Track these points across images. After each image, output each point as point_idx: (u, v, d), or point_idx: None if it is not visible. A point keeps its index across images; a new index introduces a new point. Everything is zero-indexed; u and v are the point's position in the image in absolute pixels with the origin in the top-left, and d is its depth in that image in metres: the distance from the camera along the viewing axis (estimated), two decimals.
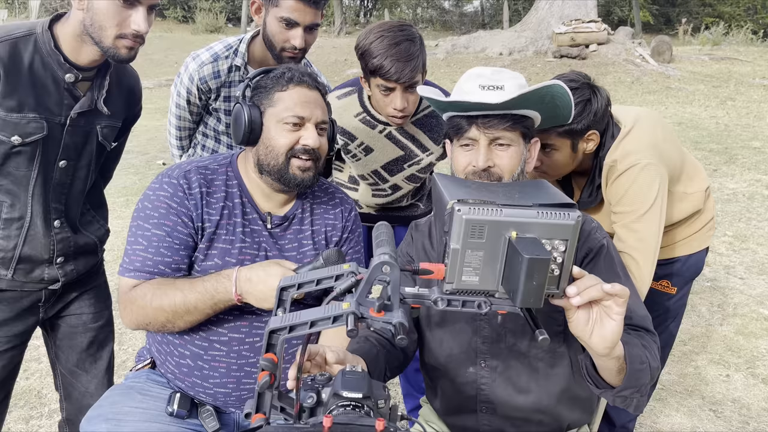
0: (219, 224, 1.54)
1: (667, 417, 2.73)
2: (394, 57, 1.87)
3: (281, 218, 1.62)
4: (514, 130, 1.39)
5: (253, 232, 1.57)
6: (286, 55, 2.05)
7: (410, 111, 2.01)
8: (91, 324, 1.91)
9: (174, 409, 1.52)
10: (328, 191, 1.74)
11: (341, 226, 1.69)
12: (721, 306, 3.75)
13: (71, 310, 1.88)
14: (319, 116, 1.55)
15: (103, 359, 1.96)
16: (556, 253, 0.97)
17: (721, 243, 4.69)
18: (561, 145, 1.81)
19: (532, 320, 1.02)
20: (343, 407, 0.95)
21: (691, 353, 3.23)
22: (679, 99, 10.34)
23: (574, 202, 1.03)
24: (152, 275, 1.51)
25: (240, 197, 1.59)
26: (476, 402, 1.49)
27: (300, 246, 1.62)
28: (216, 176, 1.59)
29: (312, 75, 1.60)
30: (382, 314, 0.94)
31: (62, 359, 1.93)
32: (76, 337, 1.90)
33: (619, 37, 12.93)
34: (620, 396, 1.21)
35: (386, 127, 2.13)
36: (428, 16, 25.23)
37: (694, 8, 22.34)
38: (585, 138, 1.83)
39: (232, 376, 1.55)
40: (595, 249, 1.41)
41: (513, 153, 1.39)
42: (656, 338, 1.34)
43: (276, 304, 1.04)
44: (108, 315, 1.98)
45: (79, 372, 1.93)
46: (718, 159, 6.96)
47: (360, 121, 2.15)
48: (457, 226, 0.95)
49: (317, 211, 1.68)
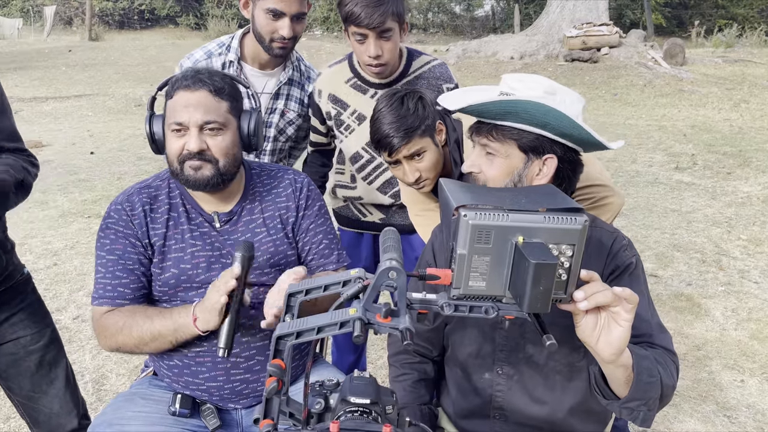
0: (167, 236, 1.60)
1: (680, 423, 2.70)
2: (364, 3, 1.95)
3: (227, 214, 1.65)
4: (501, 141, 1.34)
5: (202, 235, 1.62)
6: (276, 46, 2.12)
7: (387, 60, 2.05)
8: (32, 346, 1.80)
9: (176, 408, 1.57)
10: (277, 175, 1.75)
11: (295, 206, 1.70)
12: (735, 310, 3.71)
13: (5, 336, 1.77)
14: (199, 119, 1.52)
15: (59, 378, 1.87)
16: (564, 257, 0.96)
17: (735, 247, 4.64)
18: (426, 145, 1.80)
19: (540, 325, 1.02)
20: (351, 413, 0.96)
21: (705, 358, 3.20)
22: (692, 102, 10.27)
23: (582, 207, 1.02)
24: (114, 299, 1.58)
25: (183, 205, 1.64)
26: (489, 408, 1.49)
27: (254, 236, 1.65)
28: (159, 192, 1.65)
29: (202, 72, 1.58)
30: (389, 320, 0.94)
31: (15, 389, 1.83)
32: (21, 363, 1.80)
33: (631, 39, 12.88)
34: (626, 407, 1.19)
35: (378, 91, 2.17)
36: (439, 20, 25.23)
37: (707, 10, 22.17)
38: (438, 130, 1.85)
39: (219, 369, 1.59)
40: (622, 267, 1.37)
41: (499, 164, 1.35)
42: (675, 358, 1.31)
43: (284, 310, 1.05)
44: (50, 333, 1.87)
45: (38, 396, 1.84)
46: (732, 162, 6.90)
47: (351, 86, 2.20)
48: (463, 231, 0.95)
49: (267, 197, 1.70)
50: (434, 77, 2.19)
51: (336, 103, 2.21)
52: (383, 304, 0.94)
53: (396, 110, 1.76)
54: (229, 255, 1.60)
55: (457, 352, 1.53)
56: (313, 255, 1.71)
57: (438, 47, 14.54)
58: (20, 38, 19.74)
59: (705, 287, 4.01)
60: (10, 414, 2.70)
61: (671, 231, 4.98)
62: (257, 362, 1.61)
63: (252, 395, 1.64)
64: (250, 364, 1.61)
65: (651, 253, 4.52)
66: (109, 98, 10.81)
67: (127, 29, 23.03)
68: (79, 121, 9.30)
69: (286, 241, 1.67)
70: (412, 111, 1.76)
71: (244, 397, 1.63)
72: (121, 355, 3.17)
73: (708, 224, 5.12)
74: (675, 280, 4.12)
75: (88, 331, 3.34)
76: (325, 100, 2.23)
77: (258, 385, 1.62)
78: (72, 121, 9.27)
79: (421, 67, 2.20)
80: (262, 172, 1.76)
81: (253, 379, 1.62)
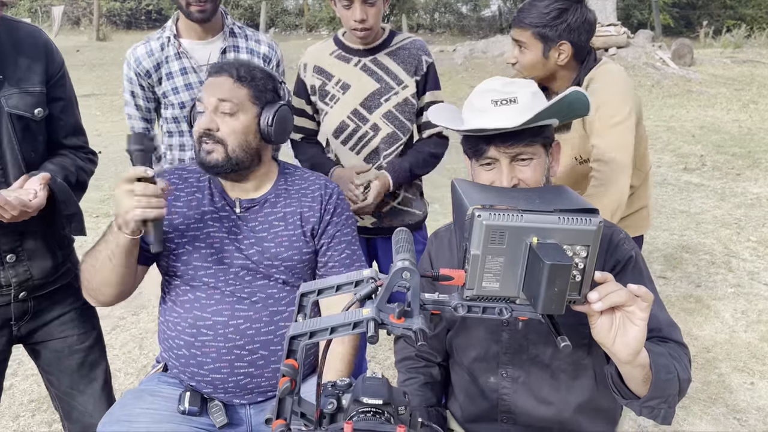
0: (186, 215, 1.65)
1: (690, 425, 2.69)
2: None
3: (249, 201, 1.69)
4: (534, 144, 1.36)
5: (222, 218, 1.67)
6: (194, 10, 2.18)
7: (371, 24, 2.13)
8: (77, 346, 1.83)
9: (185, 407, 1.58)
10: (309, 179, 1.78)
11: (320, 209, 1.71)
12: (745, 312, 3.69)
13: (53, 333, 1.80)
14: (214, 99, 1.60)
15: (98, 380, 1.90)
16: (578, 258, 0.96)
17: (744, 248, 4.62)
18: (532, 46, 1.94)
19: (554, 327, 1.01)
20: (364, 413, 0.95)
21: (714, 360, 3.18)
22: (700, 102, 10.22)
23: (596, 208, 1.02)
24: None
25: (209, 189, 1.69)
26: (497, 412, 1.48)
27: (271, 227, 1.67)
28: (191, 175, 1.72)
29: (230, 62, 1.69)
30: (402, 320, 0.94)
31: (54, 383, 1.87)
32: (64, 361, 1.83)
33: (638, 40, 12.82)
34: (647, 406, 1.19)
35: (360, 59, 2.25)
36: (446, 21, 25.21)
37: (715, 11, 22.07)
38: (557, 47, 1.92)
39: (223, 360, 1.60)
40: (623, 261, 1.38)
41: (536, 165, 1.36)
42: (687, 351, 1.31)
43: (296, 310, 1.04)
44: (96, 335, 1.90)
45: (75, 393, 1.87)
46: (741, 163, 6.86)
47: (335, 57, 2.27)
48: (477, 231, 0.94)
49: (294, 195, 1.73)
50: (415, 48, 2.29)
51: (321, 74, 2.27)
52: (396, 305, 0.94)
53: (545, 3, 1.92)
54: (244, 240, 1.65)
55: (461, 357, 1.53)
56: (334, 263, 1.72)
57: (445, 47, 14.51)
58: None
59: (714, 289, 3.99)
60: (19, 412, 2.71)
61: (680, 232, 4.96)
62: (261, 356, 1.62)
63: (256, 390, 1.64)
64: (254, 358, 1.61)
65: (659, 255, 4.50)
66: (117, 98, 10.83)
67: (135, 29, 23.09)
68: (87, 121, 9.23)
69: (303, 239, 1.68)
70: (547, 12, 1.91)
71: (249, 392, 1.64)
72: (130, 353, 3.19)
73: (717, 225, 5.09)
74: (684, 281, 4.10)
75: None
76: (310, 74, 2.29)
77: (262, 381, 1.63)
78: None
79: (403, 40, 2.30)
80: (295, 172, 1.80)
81: (257, 373, 1.62)
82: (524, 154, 1.35)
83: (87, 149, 1.85)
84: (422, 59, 2.27)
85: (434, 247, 1.61)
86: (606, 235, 1.38)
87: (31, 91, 1.62)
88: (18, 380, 2.92)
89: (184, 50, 2.28)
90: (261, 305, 1.62)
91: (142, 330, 3.43)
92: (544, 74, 1.98)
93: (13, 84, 1.58)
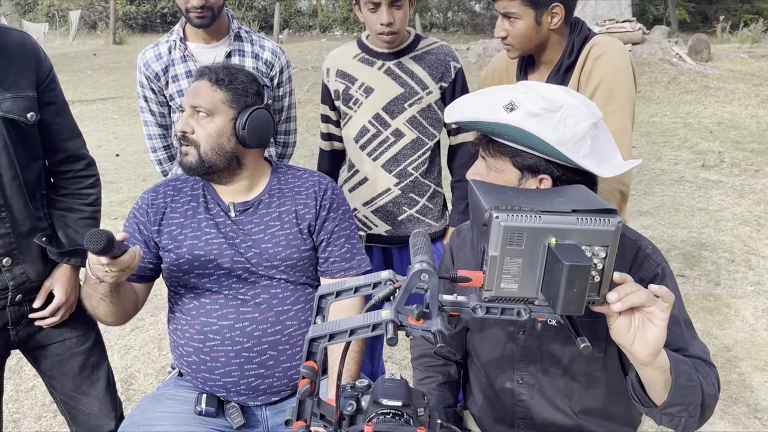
0: (183, 225, 1.67)
1: (710, 425, 2.66)
2: None
3: (243, 204, 1.70)
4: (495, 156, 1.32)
5: (217, 224, 1.68)
6: (193, 16, 2.20)
7: (398, 28, 2.10)
8: (77, 348, 1.84)
9: (202, 408, 1.60)
10: (302, 176, 1.78)
11: (315, 206, 1.72)
12: (765, 311, 3.64)
13: (51, 337, 1.80)
14: (189, 103, 1.64)
15: (101, 380, 1.90)
16: (597, 259, 0.95)
17: (764, 246, 4.56)
18: (523, 14, 1.85)
19: (573, 328, 1.01)
20: (383, 415, 0.96)
21: (735, 359, 3.15)
22: (718, 98, 10.10)
23: (613, 207, 1.01)
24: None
25: (204, 196, 1.71)
26: (514, 418, 1.48)
27: (267, 228, 1.68)
28: (185, 184, 1.74)
29: (213, 66, 1.71)
30: (421, 322, 0.94)
31: (57, 387, 1.87)
32: (66, 364, 1.84)
33: (654, 36, 12.70)
34: (666, 413, 1.17)
35: (385, 63, 2.21)
36: (459, 19, 25.16)
37: (732, 5, 21.82)
38: (549, 11, 1.85)
39: (232, 363, 1.62)
40: (647, 280, 1.30)
41: (494, 179, 1.32)
42: (715, 370, 1.27)
43: (315, 312, 1.05)
44: (95, 336, 1.91)
45: (79, 396, 1.88)
46: (760, 159, 6.77)
47: (359, 60, 2.25)
48: (495, 232, 0.94)
49: (288, 194, 1.74)
50: (443, 53, 2.25)
51: (344, 78, 2.24)
52: (415, 307, 0.94)
53: None
54: (241, 244, 1.65)
55: (479, 358, 1.53)
56: (335, 258, 1.73)
57: (458, 46, 14.47)
58: (46, 43, 20.06)
59: (734, 287, 3.94)
60: (41, 413, 2.75)
61: (698, 230, 4.91)
62: (270, 357, 1.63)
63: (269, 391, 1.65)
64: (263, 359, 1.62)
65: (678, 253, 4.46)
66: (133, 101, 10.92)
67: (150, 32, 23.29)
68: (104, 124, 9.43)
69: (300, 236, 1.69)
70: None
71: (261, 393, 1.65)
72: (149, 354, 3.22)
73: (736, 223, 5.03)
74: (703, 280, 4.06)
75: (116, 331, 3.39)
76: (333, 78, 2.27)
77: (273, 381, 1.64)
78: (98, 124, 9.41)
79: (429, 45, 2.26)
80: (288, 171, 1.80)
81: (268, 374, 1.63)
82: (486, 161, 1.35)
83: (83, 167, 1.84)
84: (450, 65, 2.23)
85: (456, 244, 1.61)
86: (631, 249, 1.34)
87: (23, 95, 1.63)
88: (40, 381, 2.95)
89: (190, 53, 2.31)
90: (266, 306, 1.63)
91: (161, 331, 3.46)
92: (538, 43, 1.92)
93: (5, 89, 1.60)
